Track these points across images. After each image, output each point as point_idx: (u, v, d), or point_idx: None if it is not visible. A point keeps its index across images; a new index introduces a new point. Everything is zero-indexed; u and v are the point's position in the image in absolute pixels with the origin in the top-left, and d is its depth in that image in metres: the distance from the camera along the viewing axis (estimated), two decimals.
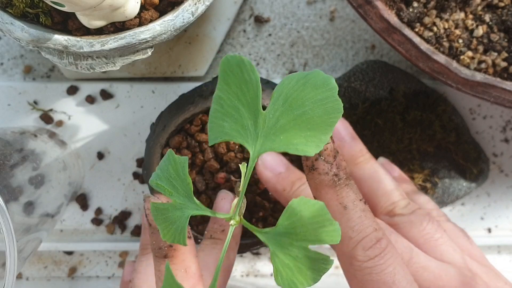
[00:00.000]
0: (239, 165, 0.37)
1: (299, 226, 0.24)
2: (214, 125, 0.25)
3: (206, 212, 0.27)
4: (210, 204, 0.41)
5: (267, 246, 0.26)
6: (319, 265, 0.25)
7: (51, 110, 0.50)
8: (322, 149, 0.24)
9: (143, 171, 0.44)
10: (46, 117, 0.50)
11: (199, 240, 0.41)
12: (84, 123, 0.51)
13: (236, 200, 0.30)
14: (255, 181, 0.41)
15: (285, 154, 0.41)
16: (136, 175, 0.52)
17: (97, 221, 0.52)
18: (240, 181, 0.40)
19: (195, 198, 0.27)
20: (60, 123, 0.50)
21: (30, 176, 0.40)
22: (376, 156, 0.47)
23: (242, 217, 0.27)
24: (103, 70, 0.38)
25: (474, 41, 0.38)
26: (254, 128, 0.24)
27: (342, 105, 0.23)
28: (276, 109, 0.24)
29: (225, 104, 0.25)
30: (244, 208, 0.27)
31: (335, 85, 0.23)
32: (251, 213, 0.41)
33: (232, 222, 0.26)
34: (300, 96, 0.23)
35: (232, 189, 0.40)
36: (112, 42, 0.36)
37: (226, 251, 0.27)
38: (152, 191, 0.42)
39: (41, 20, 0.36)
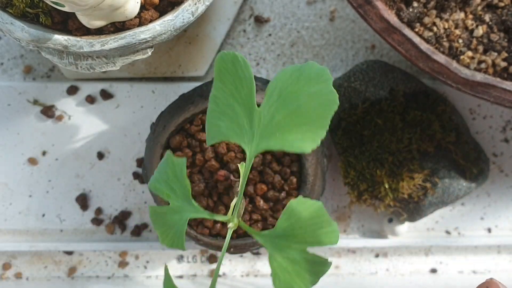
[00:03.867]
0: (238, 165, 0.37)
1: (298, 228, 0.24)
2: (211, 125, 0.25)
3: (204, 215, 0.26)
4: (209, 204, 0.41)
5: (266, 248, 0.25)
6: (317, 268, 0.24)
7: (53, 106, 0.50)
8: (318, 144, 0.23)
9: (143, 171, 0.44)
10: (47, 111, 0.50)
11: (201, 242, 0.41)
12: (84, 123, 0.51)
13: (235, 200, 0.30)
14: (254, 181, 0.41)
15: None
16: (136, 175, 0.52)
17: (97, 221, 0.52)
18: (239, 181, 0.40)
19: (193, 201, 0.26)
20: (60, 118, 0.50)
21: None
22: (375, 156, 0.47)
23: (240, 219, 0.26)
24: (103, 70, 0.38)
25: (474, 41, 0.38)
26: (249, 127, 0.24)
27: (338, 96, 0.23)
28: (270, 104, 0.23)
29: (221, 103, 0.25)
30: (243, 209, 0.27)
31: (329, 76, 0.23)
32: (250, 213, 0.41)
33: (230, 225, 0.26)
34: (295, 89, 0.23)
35: (231, 188, 0.40)
36: (112, 42, 0.36)
37: (223, 258, 0.26)
38: (153, 194, 0.42)
39: (41, 20, 0.36)
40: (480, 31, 0.38)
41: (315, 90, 0.23)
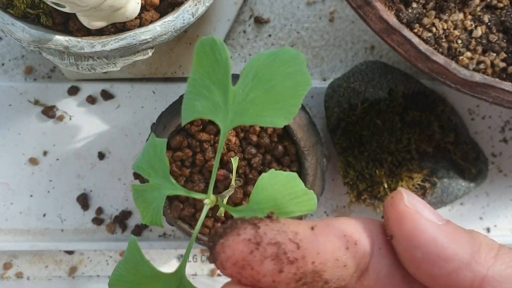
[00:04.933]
0: (231, 158, 0.37)
1: (272, 200, 0.24)
2: (187, 106, 0.26)
3: (181, 191, 0.27)
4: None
5: None
6: None
7: (53, 106, 0.50)
8: (291, 120, 0.23)
9: None
10: (48, 112, 0.50)
11: (201, 241, 0.41)
12: (85, 123, 0.51)
13: (228, 191, 0.30)
14: (254, 181, 0.41)
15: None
16: (136, 175, 0.52)
17: (97, 221, 0.52)
18: (238, 180, 0.40)
19: (171, 178, 0.27)
20: (61, 118, 0.51)
21: None
22: (375, 156, 0.47)
23: (219, 197, 0.26)
24: (104, 71, 0.38)
25: (473, 42, 0.38)
26: (224, 104, 0.24)
27: (311, 78, 0.23)
28: (245, 84, 0.24)
29: (197, 84, 0.25)
30: (229, 194, 0.27)
31: (304, 59, 0.23)
32: None
33: (206, 201, 0.26)
34: (270, 71, 0.24)
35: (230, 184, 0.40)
36: (113, 42, 0.36)
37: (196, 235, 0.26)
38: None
39: (42, 20, 0.36)
40: (479, 31, 0.38)
41: (289, 71, 0.23)
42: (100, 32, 0.37)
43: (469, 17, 0.38)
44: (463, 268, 0.23)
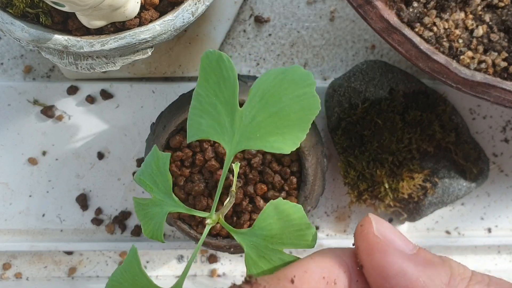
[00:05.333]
0: (233, 164, 0.37)
1: (276, 229, 0.24)
2: (192, 122, 0.25)
3: (183, 209, 0.27)
4: (209, 204, 0.41)
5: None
6: None
7: (53, 106, 0.50)
8: (298, 146, 0.23)
9: None
10: (47, 111, 0.50)
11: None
12: (84, 123, 0.51)
13: (227, 201, 0.30)
14: (254, 181, 0.41)
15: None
16: None
17: (97, 221, 0.52)
18: (238, 181, 0.40)
19: (173, 195, 0.27)
20: (60, 118, 0.50)
21: None
22: (375, 156, 0.47)
23: (221, 216, 0.26)
24: (103, 70, 0.38)
25: (474, 41, 0.38)
26: (230, 126, 0.24)
27: (320, 101, 0.23)
28: (253, 106, 0.23)
29: (204, 101, 0.25)
30: (229, 207, 0.27)
31: (313, 81, 0.23)
32: (250, 213, 0.41)
33: (208, 221, 0.26)
34: (277, 92, 0.23)
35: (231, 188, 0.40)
36: (112, 42, 0.36)
37: (197, 252, 0.26)
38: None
39: (41, 20, 0.36)
40: (480, 31, 0.38)
41: (298, 94, 0.23)
42: (99, 31, 0.37)
43: (470, 16, 0.38)
44: None
